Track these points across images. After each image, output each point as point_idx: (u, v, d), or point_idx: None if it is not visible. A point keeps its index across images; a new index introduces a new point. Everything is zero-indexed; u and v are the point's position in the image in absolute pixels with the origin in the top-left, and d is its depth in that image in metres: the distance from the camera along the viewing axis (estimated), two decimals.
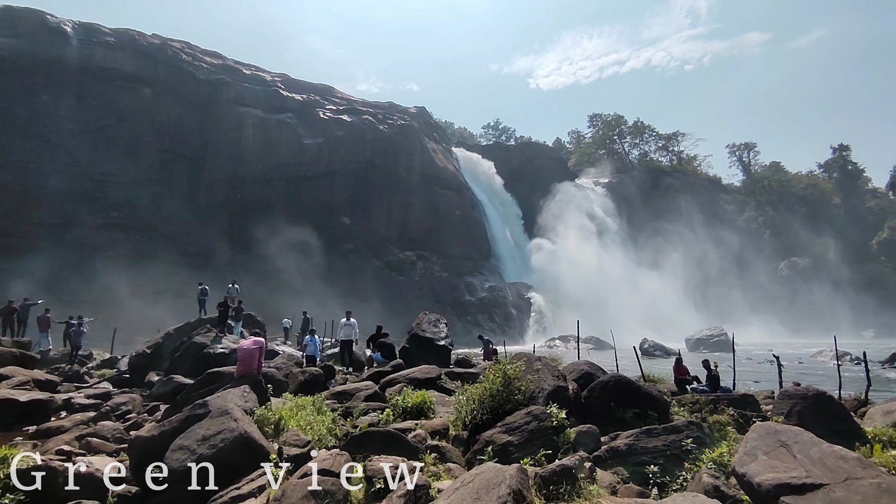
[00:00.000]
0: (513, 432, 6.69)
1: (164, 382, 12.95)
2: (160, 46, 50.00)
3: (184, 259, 42.44)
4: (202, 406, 6.17)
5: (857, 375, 15.29)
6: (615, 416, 7.86)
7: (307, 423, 7.39)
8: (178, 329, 18.49)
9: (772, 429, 4.90)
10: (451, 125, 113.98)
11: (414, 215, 58.20)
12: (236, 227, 47.70)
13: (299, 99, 56.99)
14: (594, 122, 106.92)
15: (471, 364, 15.76)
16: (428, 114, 74.76)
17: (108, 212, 42.14)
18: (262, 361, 9.19)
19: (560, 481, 5.28)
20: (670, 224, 77.63)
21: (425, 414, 8.80)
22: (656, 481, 5.82)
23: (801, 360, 30.47)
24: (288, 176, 51.76)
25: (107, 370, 18.36)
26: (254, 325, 22.46)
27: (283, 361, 14.39)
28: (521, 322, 54.98)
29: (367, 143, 56.79)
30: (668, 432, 6.56)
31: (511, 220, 71.29)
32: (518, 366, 8.18)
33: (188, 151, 48.08)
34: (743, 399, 9.31)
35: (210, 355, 14.32)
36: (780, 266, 79.53)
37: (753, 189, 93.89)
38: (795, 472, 4.21)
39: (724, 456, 5.89)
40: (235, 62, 57.51)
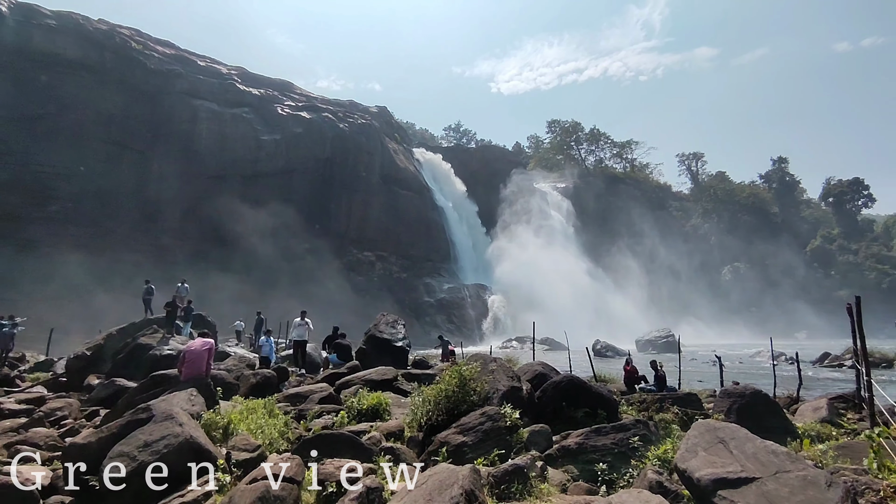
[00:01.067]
0: (467, 433, 6.73)
1: (104, 386, 12.27)
2: (107, 32, 47.50)
3: (130, 256, 40.45)
4: (145, 410, 5.90)
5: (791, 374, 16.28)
6: (567, 415, 8.05)
7: (258, 427, 7.19)
8: (121, 330, 17.58)
9: (711, 426, 5.14)
10: (412, 126, 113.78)
11: (373, 215, 57.70)
12: (187, 223, 45.89)
13: (257, 93, 55.46)
14: (552, 127, 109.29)
15: (428, 365, 15.78)
16: (389, 114, 74.38)
17: (47, 205, 39.64)
18: (211, 363, 8.88)
19: (512, 480, 5.36)
20: (623, 229, 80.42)
21: (381, 416, 8.75)
22: (605, 478, 5.97)
23: (741, 361, 32.07)
24: (244, 172, 50.25)
25: (41, 373, 17.25)
26: (204, 325, 21.63)
27: (235, 363, 13.95)
28: (478, 323, 55.46)
29: (327, 140, 55.87)
30: (617, 431, 6.75)
31: (470, 221, 71.81)
32: (474, 367, 8.25)
33: (137, 144, 45.86)
34: (687, 398, 9.73)
35: (156, 357, 13.70)
36: (724, 271, 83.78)
37: (700, 197, 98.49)
38: (731, 466, 4.42)
39: (668, 453, 6.09)
40: (189, 53, 55.40)
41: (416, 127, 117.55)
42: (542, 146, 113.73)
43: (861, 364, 8.06)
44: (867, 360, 7.80)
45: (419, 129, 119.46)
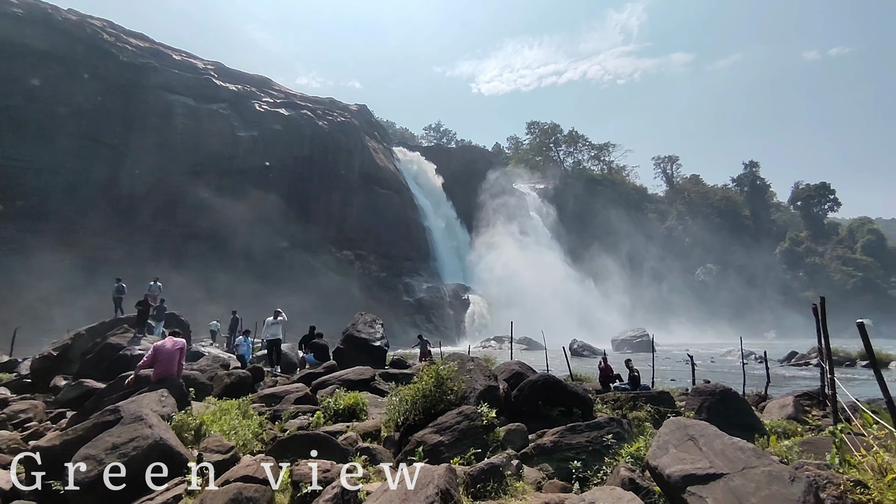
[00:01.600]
0: (444, 432, 6.74)
1: (72, 387, 11.88)
2: (77, 23, 46.04)
3: (101, 254, 39.31)
4: (113, 412, 5.75)
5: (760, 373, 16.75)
6: (543, 414, 8.12)
7: (231, 428, 7.07)
8: (90, 329, 17.07)
9: (682, 423, 5.24)
10: (392, 125, 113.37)
11: (353, 214, 57.27)
12: (162, 220, 44.84)
13: (234, 89, 54.49)
14: (532, 129, 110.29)
15: (406, 365, 15.76)
16: (369, 112, 73.96)
17: (14, 200, 38.19)
18: (182, 363, 8.70)
19: (488, 479, 5.39)
20: (601, 230, 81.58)
21: (358, 416, 8.70)
22: (579, 476, 6.04)
23: (713, 360, 32.86)
24: (220, 169, 49.32)
25: (4, 374, 16.63)
26: (178, 325, 21.15)
27: (208, 363, 13.69)
28: (457, 323, 55.56)
29: (306, 138, 55.24)
30: (591, 429, 6.84)
31: (450, 221, 71.90)
32: (451, 366, 8.26)
33: (109, 138, 44.55)
34: (660, 396, 9.91)
35: (127, 357, 13.32)
36: (698, 272, 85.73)
37: (675, 199, 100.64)
38: (700, 463, 4.51)
39: (640, 450, 6.19)
40: (164, 46, 54.08)
41: (396, 126, 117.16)
42: (522, 147, 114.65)
43: (825, 362, 8.33)
44: (831, 358, 8.07)
45: (399, 128, 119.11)
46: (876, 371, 4.89)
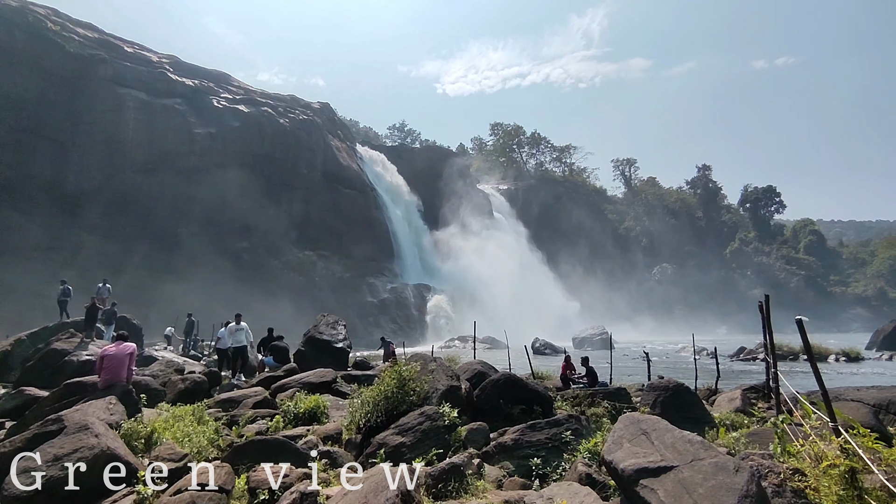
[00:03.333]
0: (406, 433, 6.73)
1: (11, 396, 11.18)
2: (18, 10, 43.39)
3: (43, 254, 37.24)
4: (55, 422, 5.46)
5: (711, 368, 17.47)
6: (504, 412, 8.22)
7: (185, 435, 6.84)
8: (32, 334, 16.21)
9: (635, 418, 5.41)
10: (356, 124, 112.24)
11: (315, 214, 56.31)
12: (111, 219, 42.80)
13: (190, 84, 52.60)
14: (495, 130, 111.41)
15: (369, 366, 15.63)
16: (332, 110, 72.90)
17: None
18: (132, 369, 8.34)
19: (448, 479, 5.41)
20: (562, 230, 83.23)
21: (319, 419, 8.59)
22: (539, 473, 6.15)
23: (668, 356, 34.07)
24: (175, 166, 47.48)
25: None
26: (129, 328, 20.30)
27: (161, 368, 13.19)
28: (421, 323, 55.48)
29: (266, 136, 53.91)
30: (551, 426, 6.97)
31: (413, 221, 71.68)
32: (413, 367, 8.26)
33: (53, 133, 42.16)
34: (617, 392, 10.20)
35: (73, 364, 12.72)
36: (654, 271, 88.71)
37: (633, 201, 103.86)
38: (652, 456, 4.68)
39: (597, 445, 6.34)
40: (115, 38, 51.66)
41: (360, 125, 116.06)
42: (486, 148, 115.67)
43: (770, 357, 8.77)
44: (775, 353, 8.50)
45: (363, 127, 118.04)
46: (812, 365, 5.19)
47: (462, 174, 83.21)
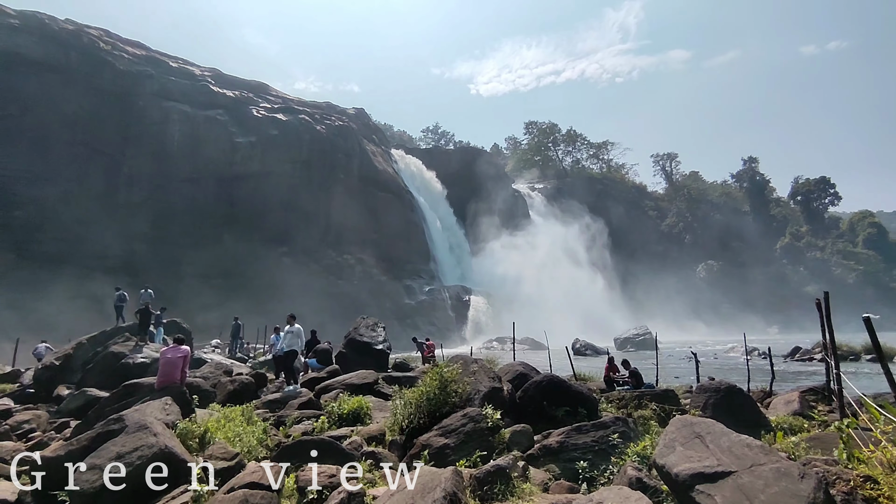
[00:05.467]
0: (449, 435, 6.71)
1: (74, 397, 11.88)
2: (74, 32, 46.12)
3: (99, 262, 39.30)
4: (117, 421, 5.72)
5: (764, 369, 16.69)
6: (548, 414, 8.09)
7: (235, 435, 7.04)
8: (92, 338, 17.08)
9: (688, 421, 5.22)
10: (390, 128, 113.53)
11: (352, 218, 57.24)
12: (160, 228, 44.82)
13: (231, 95, 54.53)
14: (530, 129, 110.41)
15: (409, 368, 15.70)
16: (367, 115, 74.00)
17: (10, 210, 38.19)
18: (186, 371, 8.67)
19: (494, 481, 5.36)
20: (601, 229, 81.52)
21: (362, 420, 8.67)
22: (585, 476, 6.02)
23: (716, 356, 32.78)
24: (218, 175, 49.32)
25: (7, 385, 16.59)
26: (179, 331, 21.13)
27: (211, 370, 13.66)
28: (459, 325, 55.48)
29: (304, 143, 55.26)
30: (597, 428, 6.80)
31: (449, 223, 71.84)
32: (455, 368, 8.24)
33: (105, 147, 44.57)
34: (664, 394, 9.87)
35: (129, 366, 13.35)
36: (698, 269, 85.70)
37: (675, 197, 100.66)
38: (708, 461, 4.49)
39: (646, 449, 6.17)
40: (161, 54, 54.18)
41: (394, 129, 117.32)
42: (521, 147, 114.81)
43: (830, 357, 8.30)
44: (836, 353, 8.04)
45: (397, 130, 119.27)
46: (883, 365, 4.87)
47: (497, 174, 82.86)
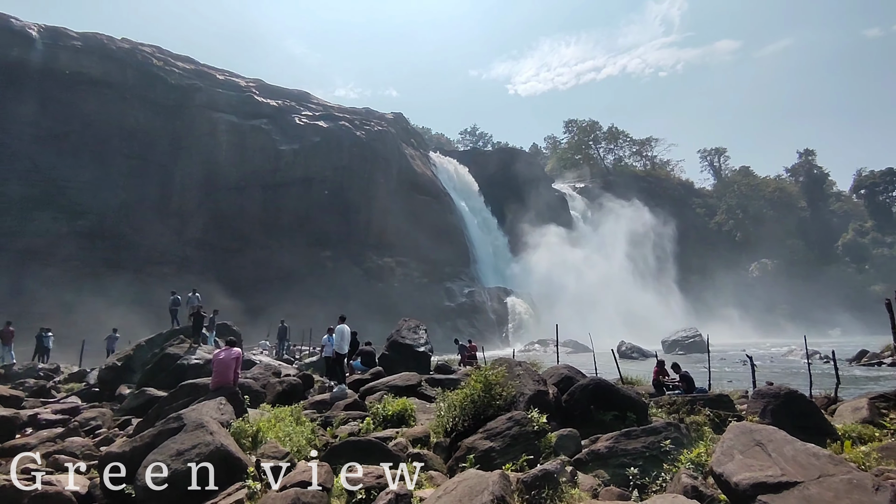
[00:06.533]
0: (494, 438, 6.67)
1: (135, 396, 12.54)
2: (129, 51, 48.88)
3: (155, 268, 41.38)
4: (176, 419, 6.00)
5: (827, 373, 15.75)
6: (595, 418, 7.91)
7: (286, 435, 7.25)
8: (149, 340, 17.98)
9: (747, 428, 5.00)
10: (428, 131, 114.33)
11: (392, 221, 57.94)
12: (210, 234, 46.78)
13: (274, 105, 56.32)
14: (570, 127, 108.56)
15: (451, 370, 15.72)
16: (405, 119, 74.80)
17: (74, 220, 40.74)
18: (238, 372, 8.98)
19: (542, 486, 5.28)
20: (644, 228, 79.14)
21: (406, 422, 8.74)
22: (636, 483, 5.86)
23: (773, 360, 31.25)
24: (263, 182, 51.03)
25: (75, 384, 17.70)
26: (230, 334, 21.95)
27: (261, 372, 14.11)
28: (500, 327, 55.18)
29: (345, 149, 56.39)
30: (647, 434, 6.62)
31: (488, 224, 71.59)
32: (499, 371, 8.20)
33: (158, 157, 46.96)
34: (718, 399, 9.47)
35: (184, 367, 13.96)
36: (751, 268, 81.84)
37: (724, 193, 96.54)
38: (771, 470, 4.29)
39: (701, 456, 5.95)
40: (208, 67, 56.59)
41: (432, 132, 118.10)
42: (560, 147, 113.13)
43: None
44: None
45: (435, 133, 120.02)
46: None
47: (536, 174, 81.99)
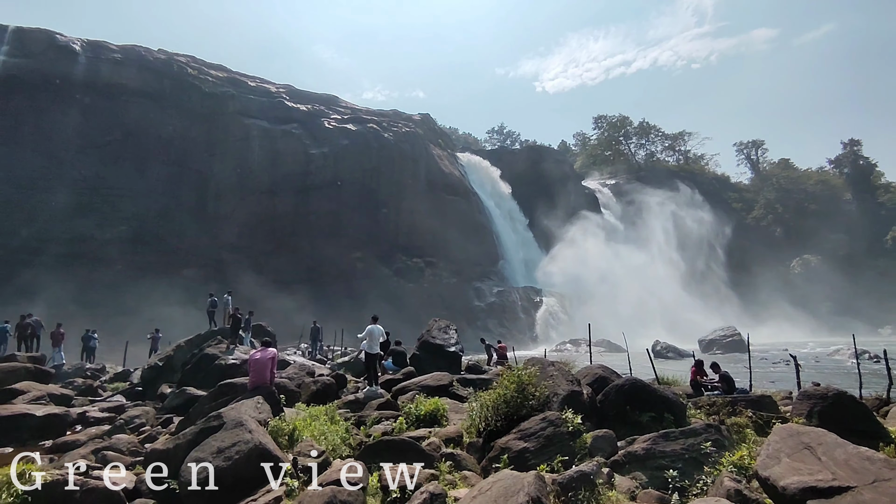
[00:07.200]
0: (528, 438, 6.61)
1: (176, 395, 12.98)
2: (166, 61, 50.61)
3: (193, 271, 42.71)
4: (216, 418, 6.17)
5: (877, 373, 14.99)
6: (631, 419, 7.75)
7: (321, 433, 7.36)
8: (189, 341, 18.56)
9: (794, 430, 4.80)
10: (455, 131, 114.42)
11: (421, 222, 58.20)
12: (244, 237, 47.98)
13: (304, 109, 57.40)
14: (599, 123, 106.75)
15: (482, 370, 15.67)
16: (432, 120, 75.04)
17: (117, 226, 42.45)
18: (274, 372, 9.17)
19: (578, 487, 5.21)
20: (678, 224, 77.11)
21: (438, 421, 8.75)
22: (676, 486, 5.71)
23: (818, 360, 29.99)
24: (295, 186, 52.05)
25: (119, 383, 18.44)
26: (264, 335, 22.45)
27: (295, 372, 14.39)
28: (530, 327, 54.71)
29: (373, 151, 57.01)
30: (686, 436, 6.45)
31: (517, 223, 71.10)
32: (532, 371, 8.13)
33: (195, 164, 48.47)
34: (760, 400, 9.17)
35: (222, 367, 14.35)
36: (793, 264, 78.64)
37: (762, 187, 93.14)
38: (821, 474, 4.11)
39: (744, 459, 5.77)
40: (241, 75, 58.07)
41: (459, 132, 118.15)
42: (590, 143, 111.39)
43: None
44: None
45: (462, 133, 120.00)
46: None
47: (565, 172, 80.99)
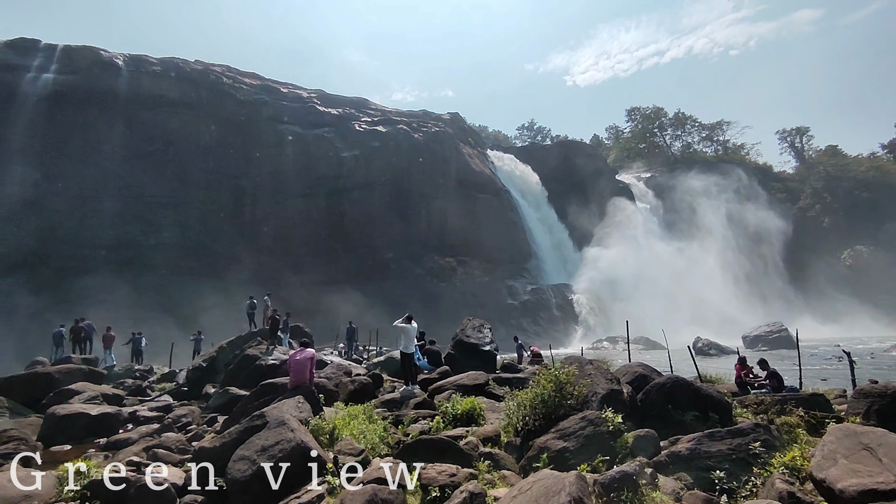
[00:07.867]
0: (568, 438, 6.53)
1: (220, 394, 13.40)
2: (202, 71, 52.34)
3: (233, 275, 44.04)
4: (260, 417, 6.35)
5: None
6: (673, 418, 7.55)
7: (360, 432, 7.47)
8: (231, 343, 19.10)
9: (851, 430, 4.58)
10: (485, 129, 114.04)
11: (452, 221, 58.27)
12: (279, 240, 49.17)
13: (335, 113, 58.34)
14: (632, 115, 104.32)
15: (517, 369, 15.56)
16: (462, 119, 74.98)
17: (160, 232, 44.24)
18: (314, 372, 9.36)
19: (621, 488, 5.11)
20: (718, 216, 74.55)
21: (476, 421, 8.73)
22: (723, 487, 5.54)
23: (873, 356, 28.46)
24: (328, 189, 52.99)
25: (166, 384, 19.15)
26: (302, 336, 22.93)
27: (333, 371, 14.64)
28: (565, 324, 54.03)
29: (403, 151, 57.44)
30: (733, 435, 6.24)
31: (550, 220, 70.25)
32: (570, 370, 8.03)
33: (232, 170, 49.96)
34: (812, 399, 8.75)
35: (262, 367, 14.73)
36: (844, 255, 74.82)
37: (808, 175, 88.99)
38: (882, 476, 3.91)
39: (796, 460, 5.53)
40: (273, 82, 59.52)
41: (488, 129, 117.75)
42: (623, 136, 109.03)
43: None
44: None
45: (492, 131, 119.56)
46: None
47: (598, 166, 79.56)
